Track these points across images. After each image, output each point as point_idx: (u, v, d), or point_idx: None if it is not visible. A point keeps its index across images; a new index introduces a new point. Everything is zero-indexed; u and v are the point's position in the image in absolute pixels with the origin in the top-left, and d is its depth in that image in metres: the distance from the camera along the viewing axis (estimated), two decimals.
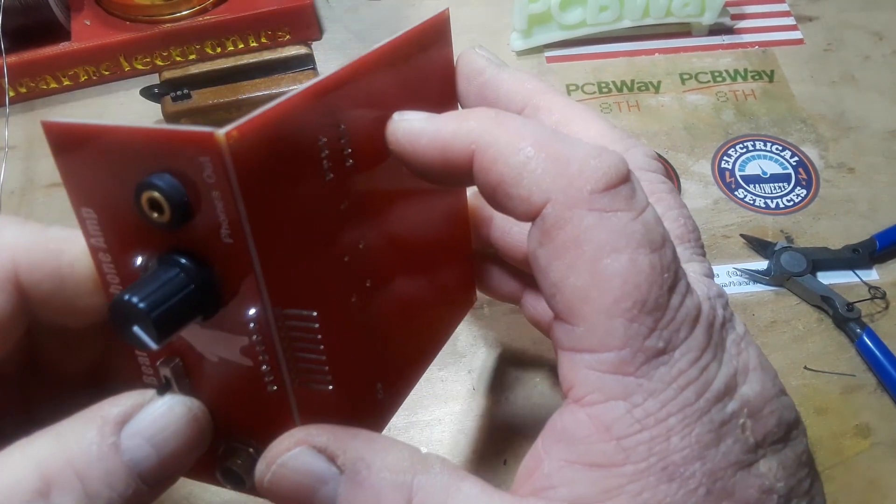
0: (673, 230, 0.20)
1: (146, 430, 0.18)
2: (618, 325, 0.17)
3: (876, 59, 0.49)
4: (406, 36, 0.21)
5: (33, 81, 0.47)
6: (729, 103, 0.47)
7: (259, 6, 0.48)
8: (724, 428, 0.17)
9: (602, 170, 0.18)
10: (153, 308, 0.16)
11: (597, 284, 0.17)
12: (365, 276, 0.20)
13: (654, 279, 0.17)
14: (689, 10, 0.48)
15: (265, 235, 0.16)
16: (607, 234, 0.17)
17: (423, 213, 0.23)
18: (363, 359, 0.21)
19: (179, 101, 0.43)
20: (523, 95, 0.22)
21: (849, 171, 0.43)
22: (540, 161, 0.18)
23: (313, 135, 0.18)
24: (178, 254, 0.17)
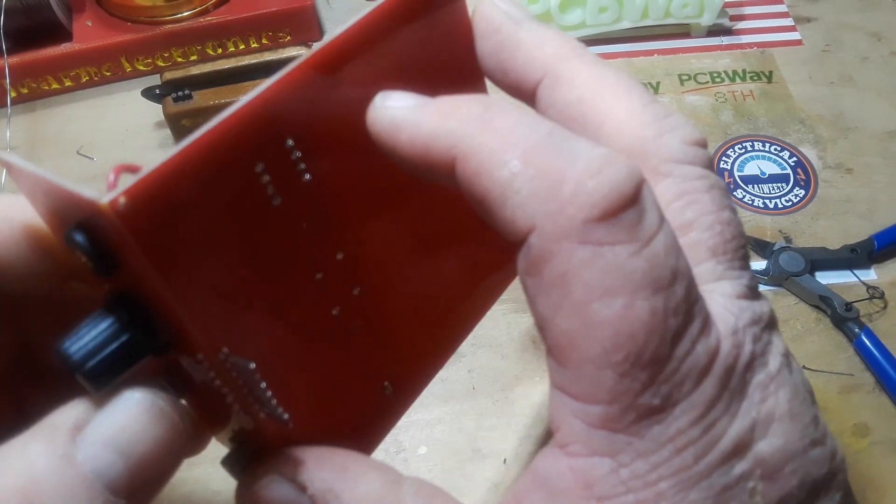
0: (704, 241, 0.17)
1: (104, 435, 0.16)
2: (607, 377, 0.15)
3: (874, 60, 0.49)
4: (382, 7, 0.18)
5: (35, 82, 0.47)
6: (728, 104, 0.47)
7: (260, 7, 0.48)
8: (726, 493, 0.15)
9: (601, 192, 0.14)
10: (86, 359, 0.15)
11: (585, 331, 0.15)
12: (350, 284, 0.19)
13: (653, 328, 0.15)
14: (688, 11, 0.49)
15: (184, 286, 0.15)
16: (600, 274, 0.14)
17: (428, 200, 0.21)
18: (357, 363, 0.20)
19: (181, 102, 0.43)
20: (542, 62, 0.18)
21: (847, 172, 0.43)
22: (527, 179, 0.15)
23: (244, 166, 0.16)
24: (121, 297, 0.16)
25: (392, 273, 0.20)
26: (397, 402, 0.22)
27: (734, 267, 0.17)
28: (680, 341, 0.15)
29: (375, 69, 0.18)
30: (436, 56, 0.19)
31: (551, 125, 0.16)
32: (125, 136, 0.46)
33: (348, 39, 0.17)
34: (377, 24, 0.18)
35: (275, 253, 0.17)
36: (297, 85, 0.17)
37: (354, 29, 0.17)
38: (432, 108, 0.16)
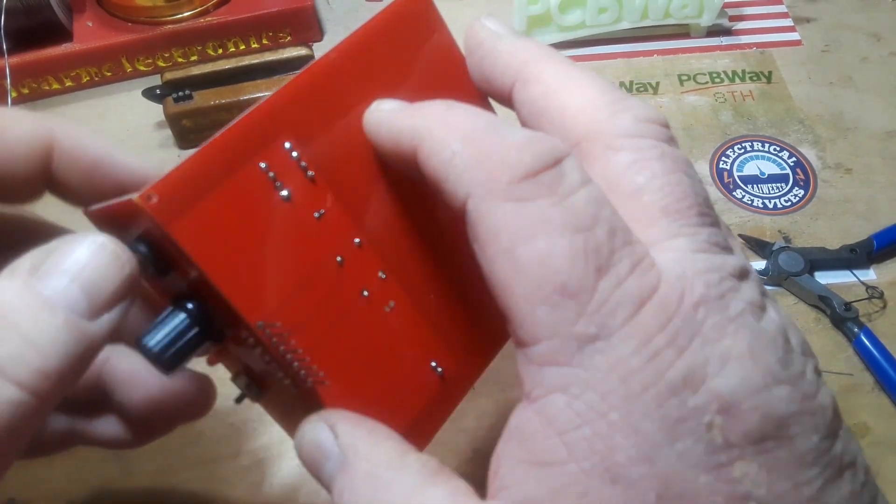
0: (656, 202, 0.18)
1: (58, 267, 0.18)
2: (541, 313, 0.16)
3: (873, 61, 0.49)
4: (370, 26, 0.21)
5: (35, 82, 0.47)
6: (727, 104, 0.47)
7: (260, 8, 0.48)
8: (681, 426, 0.15)
9: (523, 160, 0.17)
10: (164, 352, 0.19)
11: (516, 274, 0.17)
12: (373, 268, 0.21)
13: (574, 260, 0.16)
14: (688, 11, 0.49)
15: (222, 270, 0.18)
16: (523, 222, 0.16)
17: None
18: (399, 341, 0.21)
19: (181, 102, 0.43)
20: (515, 68, 0.21)
21: (846, 172, 0.43)
22: (464, 157, 0.17)
23: (249, 163, 0.19)
24: (183, 297, 0.20)
25: (420, 255, 0.22)
26: (451, 385, 0.23)
27: (690, 224, 0.18)
28: (605, 275, 0.16)
29: (352, 88, 0.21)
30: (440, 81, 0.22)
31: (492, 118, 0.18)
32: (126, 136, 0.46)
33: (337, 57, 0.21)
34: (359, 46, 0.21)
35: (291, 238, 0.20)
36: (293, 98, 0.20)
37: (338, 51, 0.21)
38: (406, 110, 0.20)
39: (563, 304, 0.16)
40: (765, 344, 0.17)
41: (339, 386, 0.20)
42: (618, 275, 0.16)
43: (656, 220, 0.18)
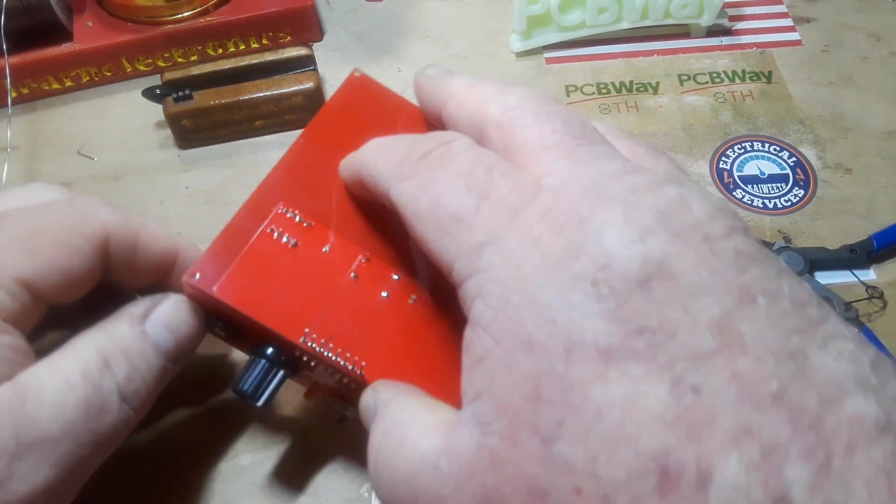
0: (535, 142, 0.22)
1: (163, 320, 0.26)
2: (445, 242, 0.21)
3: (874, 61, 0.49)
4: (324, 111, 0.30)
5: (35, 82, 0.47)
6: (727, 104, 0.47)
7: (260, 8, 0.48)
8: (570, 288, 0.18)
9: (416, 149, 0.23)
10: (256, 392, 0.26)
11: (423, 226, 0.22)
12: (386, 273, 0.27)
13: (458, 195, 0.21)
14: (688, 11, 0.49)
15: (259, 309, 0.26)
16: (419, 187, 0.22)
17: None
18: (430, 331, 0.27)
19: (181, 102, 0.43)
20: (440, 97, 0.27)
21: (846, 172, 0.43)
22: (382, 163, 0.25)
23: (261, 232, 0.27)
24: (259, 346, 0.27)
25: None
26: None
27: (567, 148, 0.22)
28: (487, 199, 0.20)
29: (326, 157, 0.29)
30: (392, 128, 0.29)
31: (408, 135, 0.26)
32: (126, 136, 0.46)
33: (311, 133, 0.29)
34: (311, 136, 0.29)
35: (308, 271, 0.27)
36: (279, 176, 0.28)
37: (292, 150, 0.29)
38: (355, 152, 0.27)
39: (457, 229, 0.21)
40: (640, 211, 0.19)
41: (379, 368, 0.25)
42: (499, 196, 0.20)
43: (540, 157, 0.21)
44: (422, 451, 0.20)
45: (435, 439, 0.20)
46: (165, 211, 0.42)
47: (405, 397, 0.23)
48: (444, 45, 0.51)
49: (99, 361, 0.24)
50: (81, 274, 0.26)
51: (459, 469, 0.19)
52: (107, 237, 0.26)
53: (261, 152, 0.45)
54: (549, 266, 0.19)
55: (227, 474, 0.32)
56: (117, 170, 0.44)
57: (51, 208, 0.26)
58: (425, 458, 0.20)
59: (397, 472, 0.21)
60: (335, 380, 0.27)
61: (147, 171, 0.44)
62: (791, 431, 0.16)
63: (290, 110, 0.45)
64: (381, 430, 0.22)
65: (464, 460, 0.19)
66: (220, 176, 0.44)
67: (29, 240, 0.25)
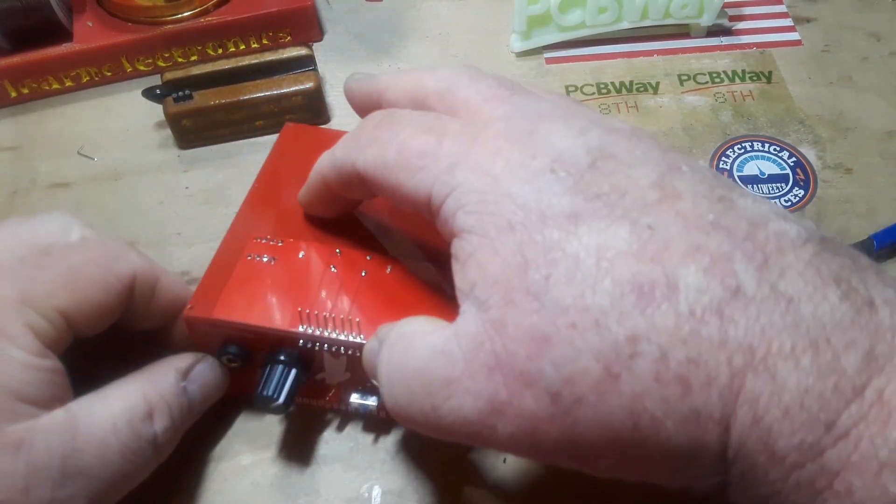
0: (472, 98, 0.27)
1: (199, 380, 0.30)
2: (419, 177, 0.24)
3: (874, 61, 0.49)
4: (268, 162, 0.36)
5: (35, 82, 0.47)
6: (727, 104, 0.47)
7: (260, 8, 0.48)
8: (535, 179, 0.22)
9: (368, 121, 0.27)
10: (276, 393, 0.29)
11: (396, 173, 0.25)
12: (360, 258, 0.31)
13: (418, 136, 0.25)
14: (688, 11, 0.49)
15: (256, 317, 0.29)
16: (378, 147, 0.26)
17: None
18: (404, 289, 0.31)
19: (181, 102, 0.43)
20: (373, 94, 0.30)
21: (846, 172, 0.43)
22: (339, 149, 0.28)
23: (239, 260, 0.31)
24: (269, 355, 0.30)
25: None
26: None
27: (504, 96, 0.26)
28: (445, 136, 0.24)
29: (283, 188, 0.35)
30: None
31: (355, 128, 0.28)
32: (126, 136, 0.46)
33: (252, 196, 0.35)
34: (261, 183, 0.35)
35: (291, 277, 0.30)
36: (244, 216, 0.34)
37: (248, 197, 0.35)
38: (319, 161, 0.30)
39: (426, 161, 0.24)
40: (576, 117, 0.24)
41: (374, 325, 0.28)
42: (454, 131, 0.24)
43: (481, 108, 0.25)
44: (430, 345, 0.23)
45: (442, 333, 0.23)
46: (165, 211, 0.42)
47: (408, 320, 0.25)
48: (444, 46, 0.51)
49: (144, 411, 0.27)
50: (111, 310, 0.28)
51: (468, 346, 0.22)
52: (134, 278, 0.28)
53: (261, 152, 0.45)
54: (513, 167, 0.22)
55: (227, 474, 0.32)
56: (117, 170, 0.44)
57: (88, 248, 0.28)
58: (435, 349, 0.23)
59: (408, 370, 0.23)
60: (344, 365, 0.30)
61: (147, 172, 0.44)
62: (731, 244, 0.20)
63: (290, 110, 0.45)
64: (389, 347, 0.24)
65: (470, 337, 0.22)
66: (220, 176, 0.44)
67: (71, 276, 0.27)
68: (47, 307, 0.26)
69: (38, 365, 0.25)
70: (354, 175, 0.27)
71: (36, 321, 0.25)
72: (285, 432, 0.33)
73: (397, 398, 0.23)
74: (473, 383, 0.21)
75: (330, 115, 0.47)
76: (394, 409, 0.24)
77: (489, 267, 0.22)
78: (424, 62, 0.50)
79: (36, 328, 0.25)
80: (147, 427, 0.27)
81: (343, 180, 0.28)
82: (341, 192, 0.29)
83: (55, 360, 0.26)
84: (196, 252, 0.40)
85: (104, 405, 0.26)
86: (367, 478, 0.32)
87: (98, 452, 0.25)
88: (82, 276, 0.27)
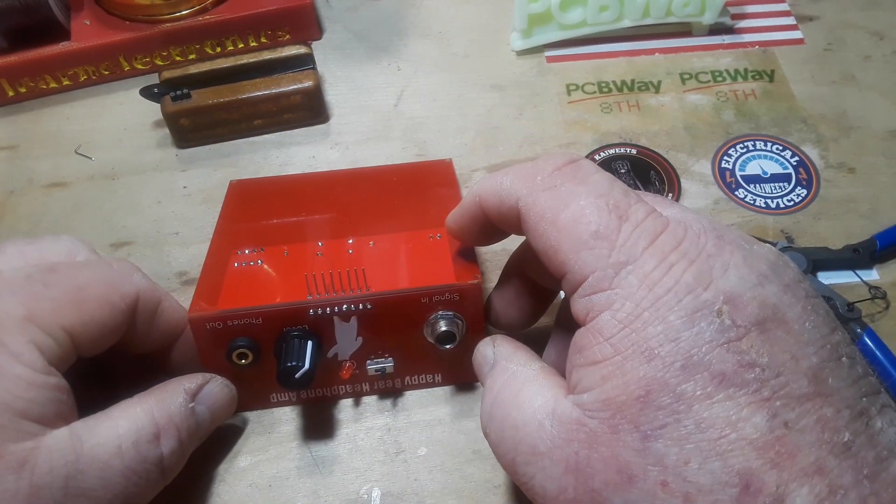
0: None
1: (207, 401, 0.30)
2: (584, 255, 0.22)
3: (876, 59, 0.49)
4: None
5: (33, 81, 0.47)
6: (729, 103, 0.47)
7: (259, 6, 0.47)
8: (696, 314, 0.20)
9: (547, 164, 0.25)
10: (298, 365, 0.30)
11: (560, 235, 0.23)
12: (343, 241, 0.34)
13: (600, 213, 0.23)
14: (690, 9, 0.48)
15: (262, 299, 0.31)
16: (558, 200, 0.24)
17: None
18: (393, 252, 0.33)
19: (179, 101, 0.43)
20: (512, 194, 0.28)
21: (849, 171, 0.43)
22: (509, 180, 0.26)
23: (229, 271, 0.32)
24: (282, 336, 0.31)
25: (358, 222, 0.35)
26: None
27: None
28: (626, 221, 0.22)
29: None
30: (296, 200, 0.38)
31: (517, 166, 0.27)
32: (123, 135, 0.46)
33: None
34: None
35: (283, 269, 0.32)
36: (220, 234, 0.36)
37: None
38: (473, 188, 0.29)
39: (598, 245, 0.22)
40: (756, 259, 0.22)
41: (376, 280, 0.31)
42: (636, 219, 0.22)
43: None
44: (533, 407, 0.23)
45: (546, 400, 0.23)
46: (163, 210, 0.42)
47: (525, 356, 0.26)
48: (444, 44, 0.50)
49: (151, 432, 0.27)
50: (114, 329, 0.28)
51: (559, 433, 0.22)
52: (137, 299, 0.29)
53: (259, 151, 0.45)
54: (679, 291, 0.21)
55: (225, 476, 0.32)
56: (115, 169, 0.44)
57: (94, 268, 0.28)
58: (535, 414, 0.23)
59: (508, 418, 0.24)
60: (355, 330, 0.31)
61: (145, 171, 0.44)
62: (853, 478, 0.19)
63: (288, 109, 0.44)
64: (503, 381, 0.25)
65: (564, 427, 0.22)
66: (218, 175, 0.44)
67: (77, 295, 0.27)
68: (53, 324, 0.25)
69: (42, 382, 0.25)
70: (514, 210, 0.25)
71: (41, 338, 0.25)
72: (284, 434, 0.33)
73: (493, 433, 0.25)
74: (551, 468, 0.22)
75: (329, 113, 0.47)
76: (484, 428, 0.26)
77: (609, 385, 0.21)
78: (424, 61, 0.50)
79: (41, 345, 0.25)
80: (153, 449, 0.27)
81: (500, 209, 0.26)
82: (492, 218, 0.27)
83: (60, 378, 0.26)
84: (194, 252, 0.40)
85: (110, 426, 0.26)
86: (366, 479, 0.32)
87: (101, 474, 0.25)
88: (87, 295, 0.27)
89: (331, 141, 0.45)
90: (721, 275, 0.21)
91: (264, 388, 0.33)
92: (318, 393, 0.33)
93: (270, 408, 0.34)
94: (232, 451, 0.33)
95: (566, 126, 0.46)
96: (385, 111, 0.47)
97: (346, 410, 0.34)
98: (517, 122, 0.46)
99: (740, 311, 0.20)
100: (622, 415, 0.21)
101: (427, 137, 0.45)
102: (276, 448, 0.33)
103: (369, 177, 0.40)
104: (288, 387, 0.29)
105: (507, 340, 0.28)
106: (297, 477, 0.32)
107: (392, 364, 0.32)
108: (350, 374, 0.32)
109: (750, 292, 0.21)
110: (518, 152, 0.44)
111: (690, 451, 0.19)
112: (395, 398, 0.34)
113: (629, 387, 0.21)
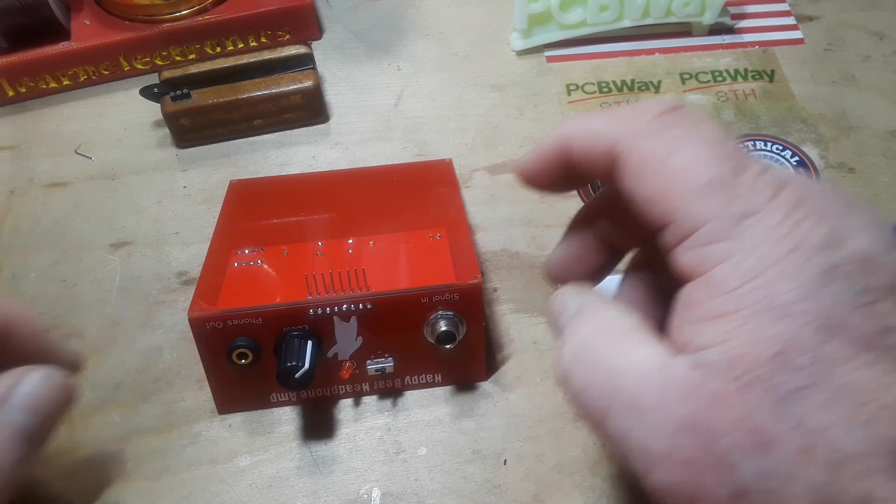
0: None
1: (24, 404, 0.25)
2: (697, 204, 0.20)
3: (876, 59, 0.49)
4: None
5: (33, 81, 0.47)
6: (729, 103, 0.47)
7: (259, 6, 0.47)
8: (830, 274, 0.19)
9: (652, 107, 0.23)
10: (298, 364, 0.30)
11: (669, 183, 0.21)
12: (343, 241, 0.34)
13: (714, 161, 0.21)
14: (690, 9, 0.48)
15: (263, 299, 0.31)
16: (666, 145, 0.22)
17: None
18: (391, 254, 0.33)
19: (179, 101, 0.43)
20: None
21: (849, 171, 0.43)
22: (603, 122, 0.23)
23: (229, 270, 0.33)
24: (281, 337, 0.31)
25: (357, 221, 0.36)
26: None
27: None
28: (742, 173, 0.21)
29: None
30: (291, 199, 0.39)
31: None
32: (123, 135, 0.46)
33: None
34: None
35: (283, 269, 0.33)
36: (219, 236, 0.36)
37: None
38: (556, 133, 0.26)
39: (713, 194, 0.20)
40: (881, 224, 0.20)
41: (375, 279, 0.31)
42: (752, 173, 0.21)
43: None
44: (637, 357, 0.21)
45: (654, 354, 0.21)
46: (163, 210, 0.42)
47: (622, 306, 0.24)
48: (445, 44, 0.50)
49: None
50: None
51: (671, 389, 0.20)
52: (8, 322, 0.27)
53: (259, 151, 0.45)
54: (810, 249, 0.19)
55: (225, 476, 0.32)
56: (115, 169, 0.44)
57: None
58: (639, 365, 0.21)
59: (603, 365, 0.22)
60: (355, 329, 0.31)
61: (145, 171, 0.44)
62: None
63: (288, 109, 0.44)
64: (595, 326, 0.23)
65: (678, 384, 0.20)
66: (218, 175, 0.44)
67: None
68: None
69: None
70: (608, 155, 0.23)
71: None
72: (284, 434, 0.33)
73: (577, 373, 0.22)
74: (659, 426, 0.20)
75: (329, 113, 0.47)
76: (564, 372, 0.23)
77: (735, 340, 0.19)
78: (424, 60, 0.50)
79: None
80: None
81: (590, 153, 0.24)
82: (578, 161, 0.25)
83: None
84: (194, 252, 0.40)
85: None
86: (366, 479, 0.32)
87: None
88: None
89: (331, 141, 0.45)
90: (852, 235, 0.20)
91: (264, 388, 0.33)
92: (318, 393, 0.33)
93: (270, 408, 0.34)
94: (232, 451, 0.33)
95: None
96: (385, 111, 0.47)
97: (346, 410, 0.34)
98: (517, 122, 0.46)
99: (875, 275, 0.19)
100: (753, 374, 0.19)
101: (427, 137, 0.45)
102: (276, 448, 0.33)
103: (369, 177, 0.40)
104: (288, 387, 0.29)
105: (595, 290, 0.26)
106: (297, 477, 0.32)
107: (392, 364, 0.32)
108: (350, 374, 0.32)
109: (883, 257, 0.20)
110: (518, 152, 0.44)
111: (836, 417, 0.18)
112: (395, 398, 0.34)
113: (760, 345, 0.19)
